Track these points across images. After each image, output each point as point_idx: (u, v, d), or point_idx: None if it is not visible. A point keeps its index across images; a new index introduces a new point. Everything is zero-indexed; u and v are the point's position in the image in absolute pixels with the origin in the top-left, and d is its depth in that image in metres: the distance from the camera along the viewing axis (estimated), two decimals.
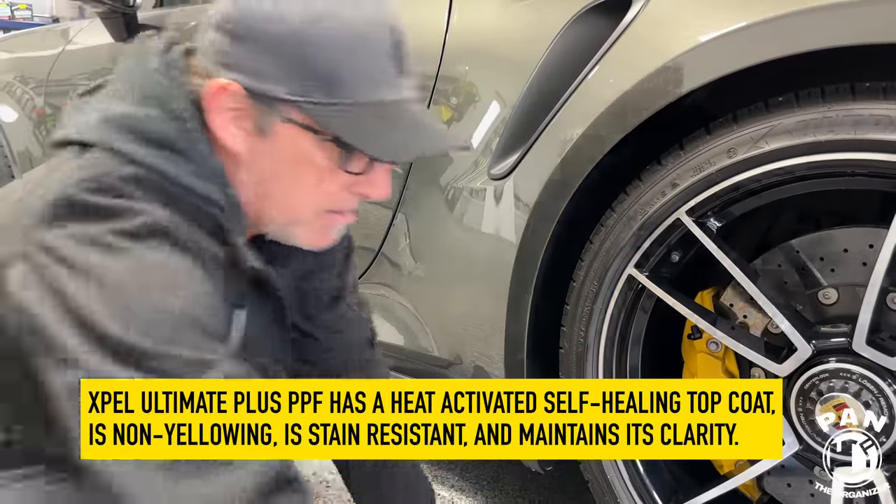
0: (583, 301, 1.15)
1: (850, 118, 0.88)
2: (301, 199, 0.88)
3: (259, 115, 0.82)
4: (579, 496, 1.61)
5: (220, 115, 0.82)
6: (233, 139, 0.83)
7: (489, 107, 1.26)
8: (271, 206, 0.89)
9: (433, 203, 1.36)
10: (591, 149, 1.09)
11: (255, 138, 0.83)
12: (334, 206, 0.89)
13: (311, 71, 0.80)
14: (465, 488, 1.64)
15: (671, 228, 1.05)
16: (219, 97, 0.81)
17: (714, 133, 1.00)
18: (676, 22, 1.03)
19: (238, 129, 0.83)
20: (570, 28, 1.16)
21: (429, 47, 1.34)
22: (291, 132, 0.82)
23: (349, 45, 0.80)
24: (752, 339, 1.09)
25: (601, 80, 1.10)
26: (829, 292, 1.05)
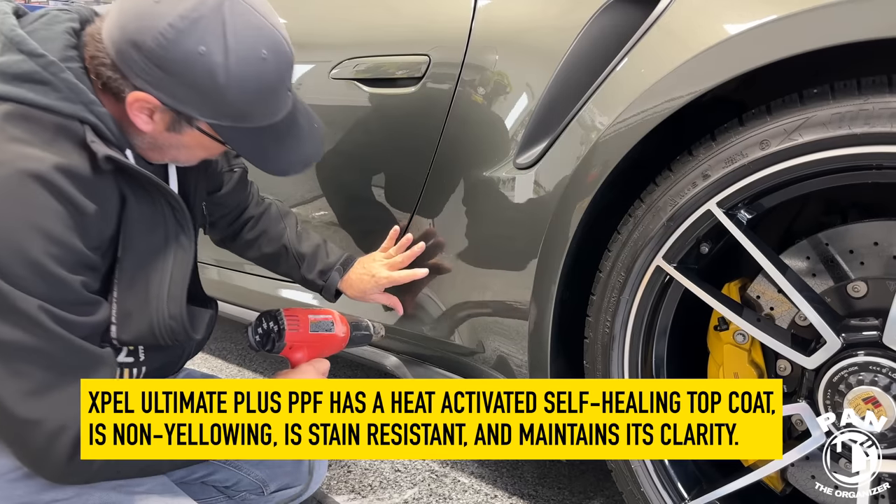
0: (609, 291, 1.15)
1: (887, 111, 0.87)
2: (189, 159, 1.11)
3: (172, 120, 1.00)
4: (600, 483, 1.62)
5: (136, 114, 0.98)
6: (144, 125, 0.99)
7: (516, 96, 1.26)
8: (160, 155, 1.08)
9: (458, 191, 1.36)
10: (618, 140, 1.09)
11: (164, 130, 1.01)
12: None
13: (226, 108, 0.97)
14: (484, 476, 1.65)
15: (701, 220, 1.04)
16: (138, 104, 0.96)
17: (747, 124, 0.99)
18: (707, 14, 1.03)
19: (150, 121, 0.99)
20: (599, 18, 1.15)
21: (454, 34, 1.34)
22: (197, 134, 1.02)
23: (260, 89, 0.98)
24: (780, 331, 1.09)
25: (630, 71, 1.09)
26: (859, 285, 1.05)
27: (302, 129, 1.09)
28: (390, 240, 1.48)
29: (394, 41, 1.46)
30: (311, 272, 1.47)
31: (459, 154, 1.35)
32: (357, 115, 1.51)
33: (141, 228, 1.03)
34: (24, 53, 0.94)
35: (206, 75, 0.93)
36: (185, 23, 0.91)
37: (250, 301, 1.87)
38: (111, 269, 1.02)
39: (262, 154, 1.06)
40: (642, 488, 1.19)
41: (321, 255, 1.48)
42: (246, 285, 1.85)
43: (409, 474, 1.66)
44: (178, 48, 0.91)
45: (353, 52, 1.50)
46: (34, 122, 0.92)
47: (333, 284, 1.47)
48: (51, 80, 0.93)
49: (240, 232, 1.48)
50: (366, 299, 1.48)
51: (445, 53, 1.35)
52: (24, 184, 0.88)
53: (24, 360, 0.89)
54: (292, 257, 1.48)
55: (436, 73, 1.36)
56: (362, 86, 1.47)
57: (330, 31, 1.61)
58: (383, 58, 1.46)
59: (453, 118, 1.34)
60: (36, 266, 0.88)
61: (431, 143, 1.37)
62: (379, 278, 1.44)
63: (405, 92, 1.40)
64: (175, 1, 0.92)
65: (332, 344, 1.33)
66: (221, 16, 0.93)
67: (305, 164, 1.12)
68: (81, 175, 0.93)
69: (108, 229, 1.00)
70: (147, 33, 0.91)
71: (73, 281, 0.92)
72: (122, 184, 1.01)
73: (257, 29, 0.96)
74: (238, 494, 1.30)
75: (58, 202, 0.90)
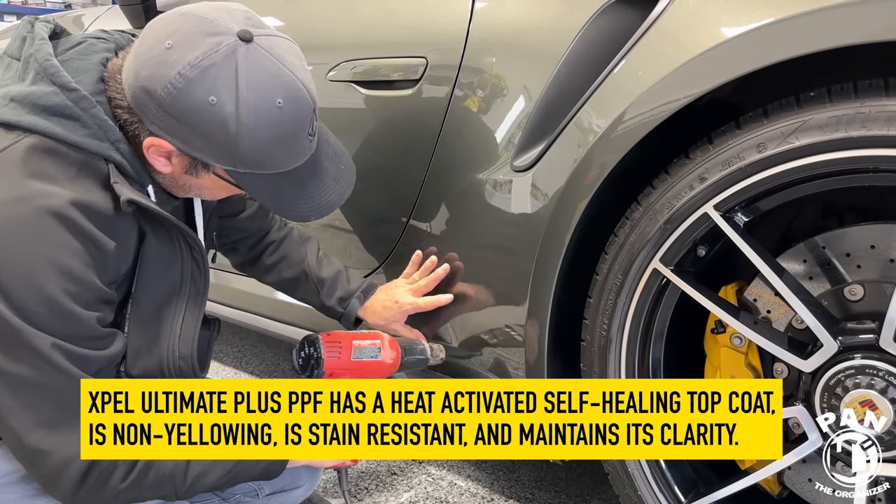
0: (606, 294, 1.15)
1: (883, 114, 0.87)
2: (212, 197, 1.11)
3: (189, 164, 0.98)
4: (597, 487, 1.62)
5: (154, 157, 0.96)
6: (163, 168, 0.98)
7: (513, 98, 1.26)
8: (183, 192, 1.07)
9: (454, 194, 1.35)
10: (616, 142, 1.09)
11: (183, 173, 0.99)
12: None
13: (240, 157, 0.94)
14: (481, 479, 1.65)
15: (698, 223, 1.04)
16: (154, 148, 0.95)
17: (744, 127, 0.99)
18: (704, 17, 1.03)
19: (168, 164, 0.98)
20: (597, 20, 1.15)
21: (451, 36, 1.34)
22: (215, 177, 0.99)
23: (275, 138, 0.94)
24: (777, 334, 1.09)
25: (628, 73, 1.09)
26: (855, 288, 1.05)
27: (326, 172, 1.05)
28: (413, 265, 1.43)
29: (391, 43, 1.46)
30: (331, 299, 1.44)
31: (456, 156, 1.34)
32: (354, 117, 1.51)
33: (157, 265, 1.03)
34: (57, 85, 0.93)
35: (217, 125, 0.90)
36: (195, 71, 0.88)
37: (247, 304, 1.87)
38: (124, 301, 1.02)
39: (281, 200, 1.02)
40: (639, 491, 1.19)
41: (341, 281, 1.45)
42: (243, 288, 1.85)
43: (405, 477, 1.66)
44: (188, 98, 0.89)
45: (351, 54, 1.50)
46: (59, 156, 0.92)
47: (353, 312, 1.43)
48: (80, 116, 0.93)
49: (260, 256, 1.46)
50: (388, 328, 1.43)
51: (443, 56, 1.35)
52: (43, 221, 0.88)
53: (36, 395, 0.90)
54: (312, 283, 1.45)
55: (433, 75, 1.35)
56: (359, 88, 1.47)
57: (327, 32, 1.61)
58: (381, 60, 1.46)
59: (450, 120, 1.34)
60: (52, 303, 0.88)
61: (429, 145, 1.37)
62: (403, 304, 1.39)
63: (402, 94, 1.40)
64: (187, 47, 0.89)
65: (378, 370, 1.29)
66: (234, 63, 0.89)
67: (327, 210, 1.07)
68: (102, 212, 0.93)
69: (125, 265, 1.00)
70: (158, 82, 0.89)
71: (88, 317, 0.92)
72: (143, 221, 1.00)
73: (273, 77, 0.92)
74: (233, 497, 1.29)
75: (76, 239, 0.90)
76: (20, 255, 0.87)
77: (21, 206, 0.88)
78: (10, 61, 0.99)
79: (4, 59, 1.00)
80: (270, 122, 0.92)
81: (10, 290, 0.86)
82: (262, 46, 0.91)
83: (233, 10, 0.94)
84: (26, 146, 0.91)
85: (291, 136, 0.96)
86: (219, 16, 0.92)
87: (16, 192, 0.88)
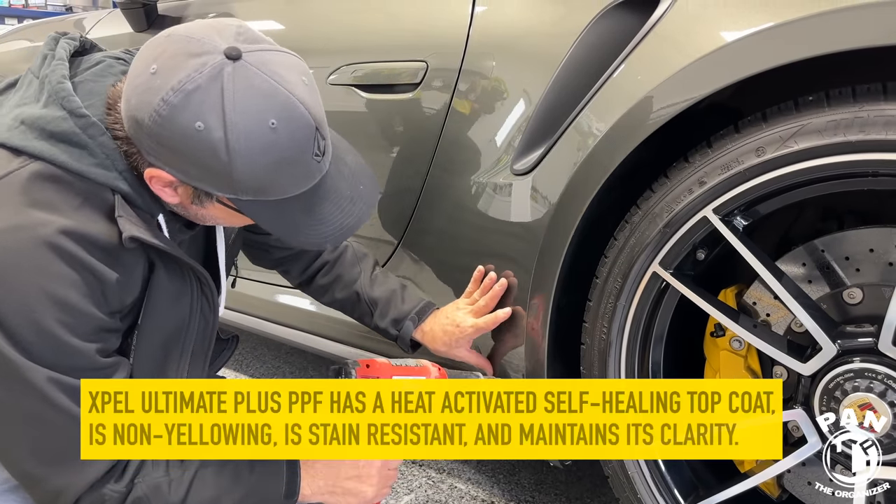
0: (606, 297, 1.16)
1: (882, 118, 0.88)
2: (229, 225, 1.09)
3: (193, 194, 0.92)
4: (596, 489, 1.62)
5: (158, 189, 0.92)
6: (169, 199, 0.94)
7: (513, 102, 1.26)
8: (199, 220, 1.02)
9: (454, 197, 1.36)
10: (615, 146, 1.09)
11: (190, 203, 0.94)
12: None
13: (237, 185, 0.87)
14: (481, 482, 1.65)
15: (697, 226, 1.05)
16: (156, 180, 0.90)
17: (743, 131, 1.00)
18: (704, 21, 1.03)
19: (174, 194, 0.93)
20: (596, 24, 1.16)
21: (451, 40, 1.34)
22: (221, 206, 0.93)
23: (272, 162, 0.86)
24: (776, 338, 1.09)
25: (627, 77, 1.10)
26: (854, 292, 1.05)
27: (341, 194, 0.96)
28: (474, 282, 1.34)
29: (391, 47, 1.47)
30: (384, 320, 1.36)
31: (457, 159, 1.35)
32: (354, 120, 1.51)
33: (165, 297, 0.99)
34: (66, 110, 0.89)
35: (207, 153, 0.83)
36: (179, 97, 0.81)
37: (250, 308, 1.87)
38: (130, 330, 0.99)
39: (292, 227, 0.94)
40: (639, 494, 1.19)
41: (395, 301, 1.36)
42: (243, 290, 1.85)
43: (405, 480, 1.66)
44: (174, 125, 0.83)
45: (351, 57, 1.50)
46: (63, 185, 0.89)
47: (407, 334, 1.34)
48: (88, 144, 0.89)
49: (314, 277, 1.41)
50: (451, 354, 1.33)
51: (443, 59, 1.35)
52: (39, 251, 0.85)
53: (31, 426, 0.89)
54: (364, 304, 1.38)
55: (433, 78, 1.36)
56: (360, 91, 1.48)
57: (327, 36, 1.62)
58: (381, 63, 1.46)
59: (451, 124, 1.34)
60: (48, 335, 0.85)
61: (428, 148, 1.37)
62: (465, 328, 1.30)
63: (403, 98, 1.41)
64: (171, 70, 0.83)
65: None
66: (220, 84, 0.82)
67: (344, 235, 0.98)
68: (104, 244, 0.90)
69: (132, 295, 0.96)
70: (144, 110, 0.84)
71: (87, 349, 0.89)
72: (151, 252, 0.96)
73: (266, 96, 0.84)
74: None
75: (73, 270, 0.87)
76: (16, 285, 0.84)
77: (18, 235, 0.85)
78: (32, 78, 0.96)
79: (28, 76, 0.97)
80: (265, 145, 0.84)
81: (5, 321, 0.84)
82: (251, 63, 0.84)
83: (223, 26, 0.87)
84: (30, 172, 0.88)
85: (292, 158, 0.87)
86: (206, 34, 0.85)
87: (14, 221, 0.86)
